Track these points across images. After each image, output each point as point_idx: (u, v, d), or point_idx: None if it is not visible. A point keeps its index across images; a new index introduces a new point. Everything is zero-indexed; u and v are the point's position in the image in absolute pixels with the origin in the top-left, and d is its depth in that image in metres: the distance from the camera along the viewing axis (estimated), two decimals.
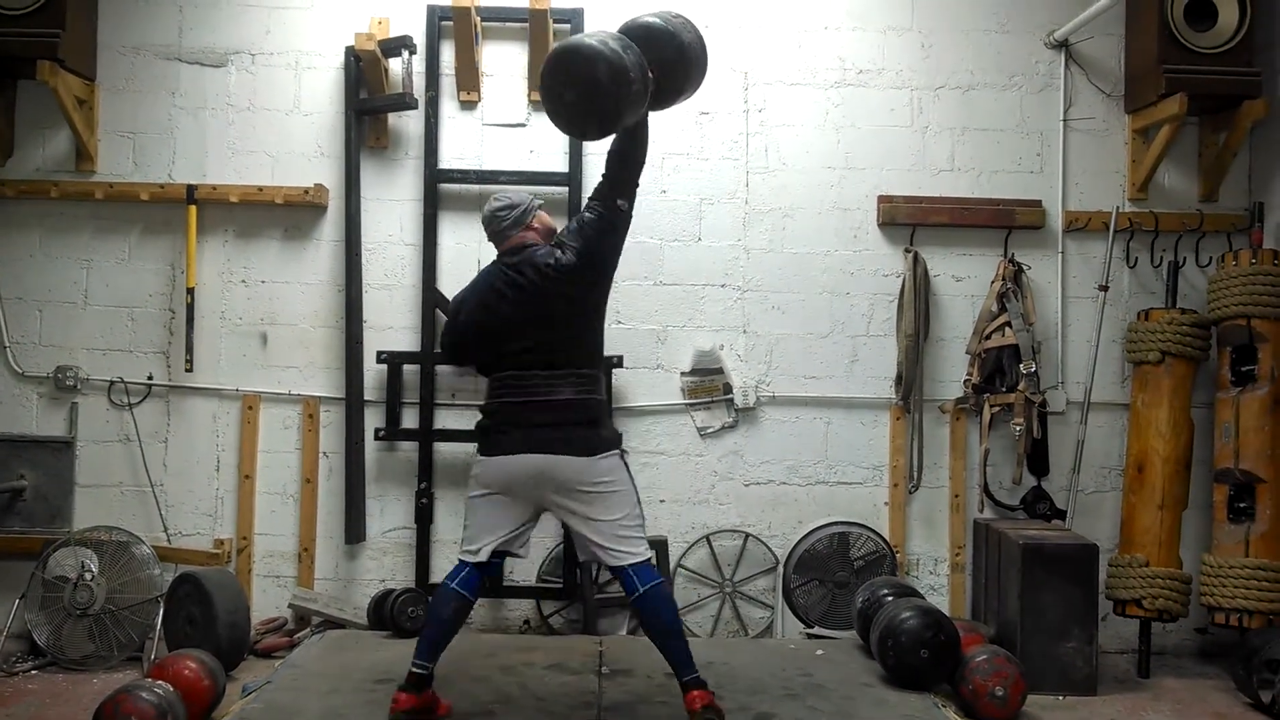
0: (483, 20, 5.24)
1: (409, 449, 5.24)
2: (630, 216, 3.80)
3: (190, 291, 5.16)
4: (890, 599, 4.51)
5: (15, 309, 5.23)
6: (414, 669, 3.65)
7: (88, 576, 4.76)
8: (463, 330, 3.88)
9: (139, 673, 4.46)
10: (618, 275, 5.27)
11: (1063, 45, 5.36)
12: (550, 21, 5.18)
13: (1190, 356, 4.97)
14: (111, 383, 5.22)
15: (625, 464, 3.78)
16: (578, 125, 3.70)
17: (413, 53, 5.14)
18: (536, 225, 3.88)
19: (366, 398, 5.21)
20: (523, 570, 5.25)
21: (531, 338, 3.71)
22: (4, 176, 5.20)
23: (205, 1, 5.29)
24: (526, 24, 5.16)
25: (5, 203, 5.21)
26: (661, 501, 5.28)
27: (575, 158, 5.24)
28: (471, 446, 5.18)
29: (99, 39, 5.24)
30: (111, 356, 5.24)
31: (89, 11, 5.17)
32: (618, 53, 3.45)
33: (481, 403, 3.90)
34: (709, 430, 5.32)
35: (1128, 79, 5.35)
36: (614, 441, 3.79)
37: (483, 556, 3.74)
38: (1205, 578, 4.84)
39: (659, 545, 5.15)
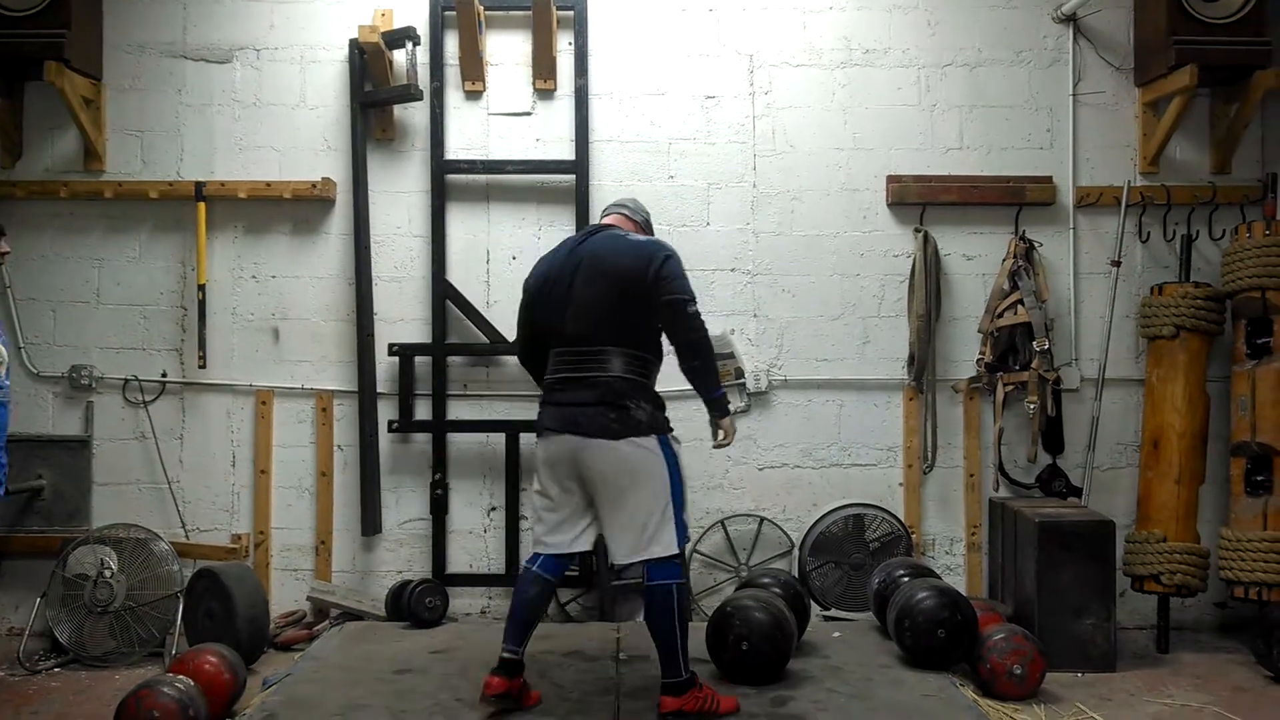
0: (486, 9, 5.22)
1: (423, 440, 5.25)
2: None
3: (201, 288, 5.18)
4: (906, 580, 4.51)
5: (29, 309, 5.26)
6: (504, 654, 3.63)
7: (107, 574, 4.80)
8: None
9: (160, 668, 4.50)
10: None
11: (1070, 19, 5.31)
12: (554, 9, 5.16)
13: (1205, 330, 4.94)
14: (126, 381, 5.25)
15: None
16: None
17: (416, 44, 5.14)
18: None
19: (379, 390, 5.23)
20: None
21: None
22: (14, 178, 5.23)
23: None
24: (530, 12, 5.14)
25: (16, 204, 5.24)
26: None
27: (581, 146, 5.23)
28: (484, 436, 5.25)
29: (104, 38, 5.25)
30: (125, 355, 5.27)
31: (94, 11, 5.18)
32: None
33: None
34: None
35: (1137, 52, 5.30)
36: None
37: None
38: (1223, 552, 4.82)
39: None
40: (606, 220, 3.92)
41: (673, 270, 3.60)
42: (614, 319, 3.60)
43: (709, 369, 3.68)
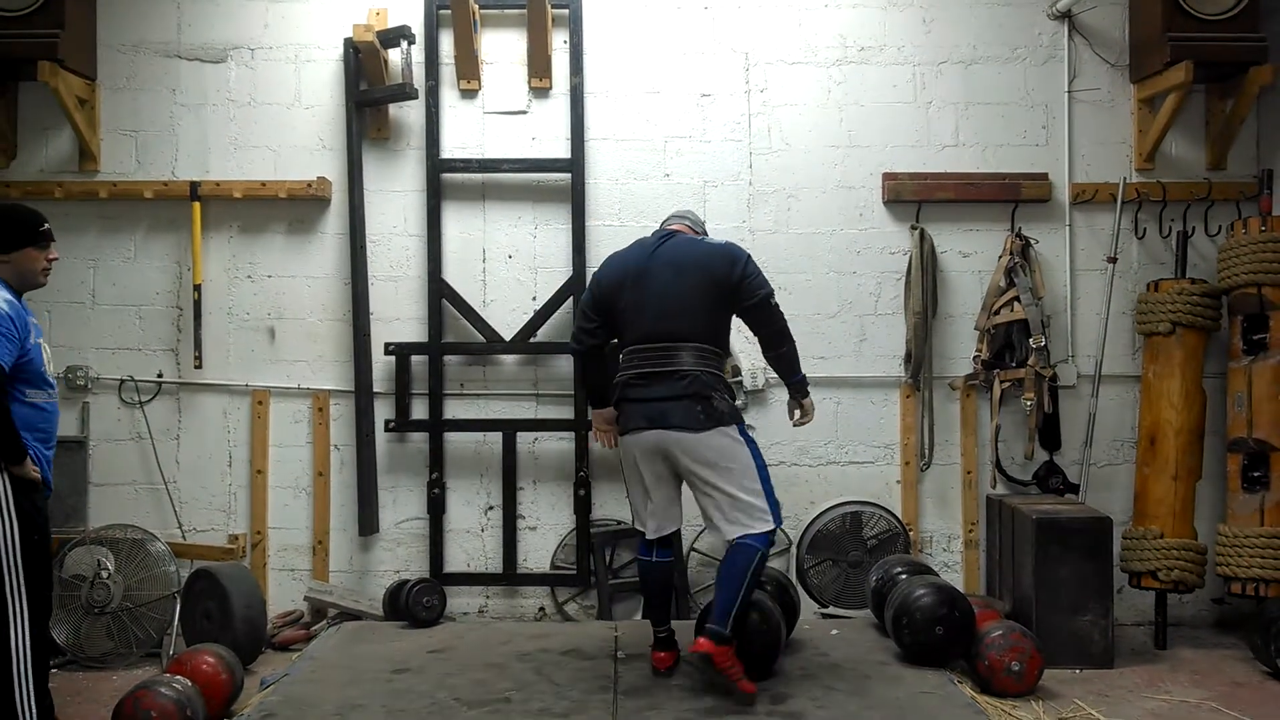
0: (481, 8, 5.22)
1: (419, 440, 5.25)
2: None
3: (197, 288, 5.17)
4: (904, 577, 4.51)
5: None
6: (658, 634, 4.06)
7: (104, 575, 4.79)
8: None
9: (158, 669, 4.49)
10: None
11: (1065, 16, 5.31)
12: (549, 7, 5.16)
13: (1201, 326, 4.94)
14: (122, 381, 5.24)
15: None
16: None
17: (411, 43, 5.14)
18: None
19: (376, 390, 5.22)
20: (536, 558, 5.27)
21: None
22: (8, 178, 5.22)
23: None
24: (525, 10, 5.14)
25: None
26: None
27: (577, 144, 5.23)
28: (481, 435, 5.25)
29: (98, 38, 5.24)
30: (121, 355, 5.26)
31: (87, 11, 5.17)
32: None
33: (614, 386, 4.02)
34: None
35: (1132, 48, 5.30)
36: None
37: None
38: (1220, 548, 4.83)
39: None
40: (673, 228, 4.14)
41: (755, 269, 3.95)
42: (701, 316, 3.88)
43: (793, 355, 4.03)
